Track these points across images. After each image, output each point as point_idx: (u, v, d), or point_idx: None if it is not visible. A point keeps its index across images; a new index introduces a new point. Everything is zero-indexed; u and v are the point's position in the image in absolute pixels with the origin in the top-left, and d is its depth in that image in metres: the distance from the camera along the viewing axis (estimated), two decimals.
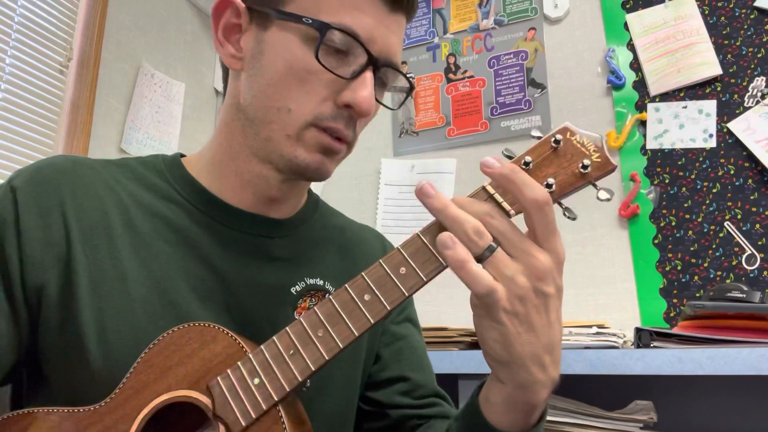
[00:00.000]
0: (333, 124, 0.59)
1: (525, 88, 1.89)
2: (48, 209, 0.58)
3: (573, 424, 1.25)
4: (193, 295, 0.60)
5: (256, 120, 0.61)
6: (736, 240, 1.54)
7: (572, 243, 1.73)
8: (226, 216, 0.64)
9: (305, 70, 0.57)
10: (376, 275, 0.50)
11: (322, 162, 0.61)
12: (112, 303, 0.57)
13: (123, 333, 0.56)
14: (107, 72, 1.81)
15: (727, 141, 1.60)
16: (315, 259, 0.70)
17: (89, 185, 0.61)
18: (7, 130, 1.55)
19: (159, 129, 1.98)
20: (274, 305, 0.63)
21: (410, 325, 0.78)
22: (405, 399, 0.71)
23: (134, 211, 0.62)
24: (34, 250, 0.57)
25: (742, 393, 1.40)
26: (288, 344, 0.50)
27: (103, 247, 0.59)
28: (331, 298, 0.50)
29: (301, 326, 0.50)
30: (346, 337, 0.49)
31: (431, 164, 1.98)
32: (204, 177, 0.66)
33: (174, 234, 0.62)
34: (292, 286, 0.66)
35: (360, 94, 0.57)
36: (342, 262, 0.72)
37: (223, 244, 0.63)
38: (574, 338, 1.29)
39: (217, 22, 0.63)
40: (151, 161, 0.68)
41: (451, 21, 2.07)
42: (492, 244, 0.46)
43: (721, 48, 1.65)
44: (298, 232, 0.70)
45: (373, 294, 0.49)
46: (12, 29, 1.58)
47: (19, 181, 0.60)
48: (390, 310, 0.49)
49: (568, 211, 0.51)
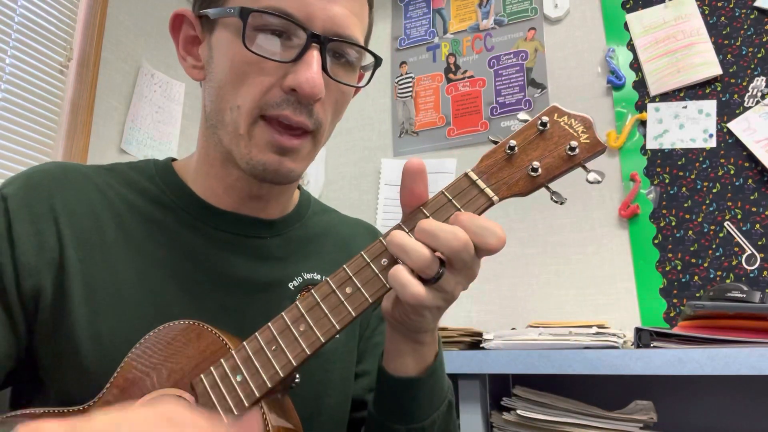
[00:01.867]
0: (279, 111, 0.56)
1: (525, 88, 1.89)
2: (39, 215, 0.58)
3: (573, 424, 1.25)
4: (186, 297, 0.60)
5: (216, 125, 0.60)
6: (736, 240, 1.54)
7: (572, 243, 1.73)
8: (217, 219, 0.65)
9: (244, 63, 0.56)
10: (357, 267, 0.50)
11: (280, 162, 0.58)
12: (105, 306, 0.57)
13: (117, 336, 0.56)
14: (107, 72, 1.81)
15: (727, 141, 1.60)
16: (311, 255, 0.69)
17: (80, 190, 0.61)
18: (7, 130, 1.55)
19: (159, 129, 1.98)
20: (272, 301, 0.63)
21: None
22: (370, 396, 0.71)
23: (126, 215, 0.62)
24: (28, 258, 0.56)
25: (742, 393, 1.40)
26: (270, 339, 0.49)
27: (96, 252, 0.59)
28: (313, 292, 0.50)
29: (283, 321, 0.50)
30: (327, 331, 0.49)
31: (431, 164, 1.98)
32: (193, 182, 0.66)
33: (166, 237, 0.62)
34: (290, 281, 0.66)
35: (302, 76, 0.54)
36: (338, 256, 0.71)
37: (216, 246, 0.63)
38: (574, 338, 1.28)
39: (176, 38, 0.64)
40: (142, 166, 0.68)
41: (451, 21, 2.07)
42: (439, 271, 0.48)
43: (721, 48, 1.65)
44: (291, 231, 0.70)
45: (354, 286, 0.49)
46: (12, 29, 1.58)
47: (9, 189, 0.59)
48: (371, 303, 0.49)
49: (556, 195, 0.50)
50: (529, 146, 0.51)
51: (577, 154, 0.50)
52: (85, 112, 1.72)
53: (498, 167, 0.52)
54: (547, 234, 1.77)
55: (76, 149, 1.69)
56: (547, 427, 1.27)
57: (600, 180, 0.50)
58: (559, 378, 1.29)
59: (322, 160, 2.15)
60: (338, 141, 2.14)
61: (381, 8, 2.19)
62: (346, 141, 2.14)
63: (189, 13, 0.62)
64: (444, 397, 0.61)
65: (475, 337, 1.42)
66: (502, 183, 0.51)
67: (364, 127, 2.13)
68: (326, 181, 2.14)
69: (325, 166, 2.15)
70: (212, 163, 0.64)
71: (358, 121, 2.14)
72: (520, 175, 0.51)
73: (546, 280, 1.74)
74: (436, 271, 0.47)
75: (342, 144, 2.14)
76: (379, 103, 2.12)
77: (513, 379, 1.43)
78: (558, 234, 1.75)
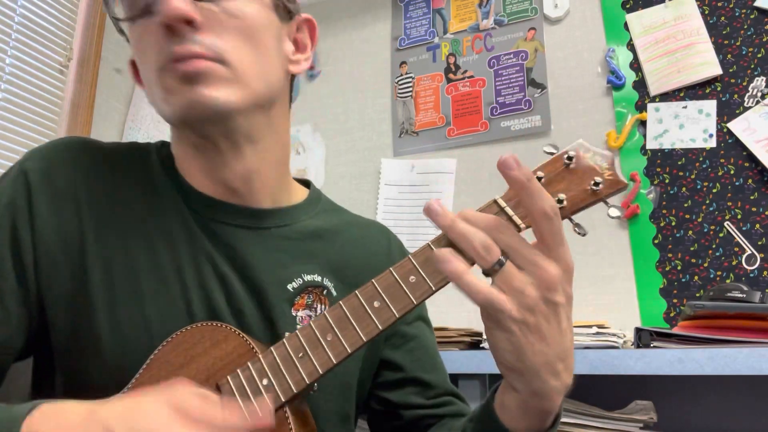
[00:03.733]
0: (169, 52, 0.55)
1: (525, 88, 1.89)
2: (60, 193, 0.58)
3: (573, 424, 1.25)
4: (196, 290, 0.60)
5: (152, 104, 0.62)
6: (736, 240, 1.54)
7: (572, 243, 1.70)
8: (210, 208, 0.64)
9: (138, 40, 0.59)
10: (386, 283, 0.51)
11: (193, 91, 0.55)
12: (124, 294, 0.58)
13: (135, 324, 0.57)
14: (107, 72, 1.81)
15: (727, 141, 1.60)
16: (317, 253, 0.68)
17: (100, 169, 0.62)
18: (7, 130, 1.55)
19: (159, 129, 1.99)
20: (271, 299, 0.63)
21: (422, 324, 0.77)
22: (418, 399, 0.71)
23: (133, 199, 0.62)
24: (48, 236, 0.57)
25: (742, 393, 1.40)
26: (297, 347, 0.52)
27: (114, 239, 0.59)
28: (342, 304, 0.52)
29: (311, 330, 0.52)
30: (354, 343, 0.51)
31: (431, 164, 1.98)
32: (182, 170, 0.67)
33: (175, 225, 0.62)
34: (289, 282, 0.65)
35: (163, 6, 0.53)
36: (344, 257, 0.70)
37: (218, 237, 0.63)
38: (574, 338, 1.28)
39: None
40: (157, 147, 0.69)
41: (451, 21, 2.07)
42: (501, 258, 0.47)
43: (721, 48, 1.65)
44: (297, 224, 0.69)
45: (382, 301, 0.51)
46: (12, 29, 1.58)
47: (30, 163, 0.59)
48: (398, 318, 0.50)
49: (578, 227, 0.54)
50: (555, 178, 0.54)
51: (601, 190, 0.53)
52: (85, 112, 1.72)
53: None
54: None
55: None
56: None
57: (620, 215, 0.52)
58: None
59: (322, 160, 2.16)
60: (338, 141, 2.14)
61: (381, 8, 2.19)
62: (346, 141, 2.14)
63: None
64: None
65: (475, 337, 1.42)
66: None
67: (364, 127, 2.13)
68: (326, 181, 2.14)
69: (325, 166, 2.15)
70: (176, 143, 0.66)
71: (358, 121, 2.14)
72: None
73: None
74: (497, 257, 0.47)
75: (342, 144, 2.14)
76: (379, 103, 2.12)
77: None
78: None
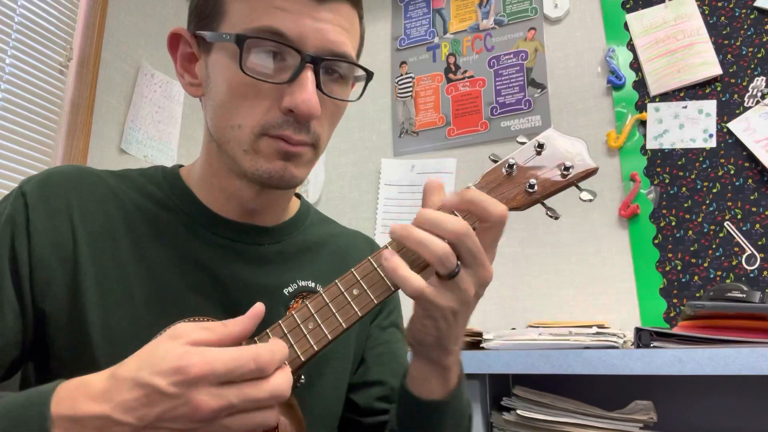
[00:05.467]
0: (281, 132, 0.59)
1: (525, 88, 1.89)
2: (56, 211, 0.62)
3: (573, 424, 1.25)
4: (190, 295, 0.63)
5: (219, 141, 0.63)
6: (736, 240, 1.54)
7: (572, 243, 1.73)
8: (218, 226, 0.67)
9: (243, 85, 0.58)
10: (365, 271, 0.54)
11: (285, 168, 0.60)
12: (116, 303, 0.60)
13: (127, 331, 0.60)
14: (107, 72, 1.81)
15: (727, 141, 1.60)
16: (307, 263, 0.72)
17: (95, 192, 0.65)
18: (7, 130, 1.55)
19: (159, 129, 1.98)
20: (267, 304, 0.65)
21: (395, 331, 0.80)
22: (381, 404, 0.73)
23: (135, 217, 0.65)
24: (43, 250, 0.60)
25: (742, 393, 1.40)
26: (281, 336, 0.53)
27: (108, 251, 0.62)
28: (322, 293, 0.54)
29: (293, 319, 0.53)
30: (334, 329, 0.53)
31: (431, 164, 1.98)
32: (197, 188, 0.69)
33: (171, 240, 0.65)
34: (285, 287, 0.68)
35: (298, 98, 0.57)
36: (333, 266, 0.74)
37: (218, 251, 0.66)
38: (574, 338, 1.28)
39: (174, 55, 0.66)
40: (151, 173, 0.71)
41: (451, 21, 2.07)
42: (456, 266, 0.51)
43: (721, 48, 1.65)
44: (289, 239, 0.72)
45: (361, 288, 0.53)
46: (12, 29, 1.58)
47: (29, 186, 0.64)
48: (377, 304, 0.53)
49: (551, 211, 0.57)
50: (527, 165, 0.57)
51: (571, 175, 0.56)
52: (85, 112, 1.72)
53: (497, 183, 0.57)
54: (547, 234, 1.77)
55: (76, 149, 1.70)
56: (547, 427, 1.27)
57: (592, 198, 0.56)
58: (559, 378, 1.29)
59: (322, 160, 2.15)
60: (338, 141, 2.14)
61: (381, 8, 2.19)
62: (346, 141, 2.14)
63: (185, 32, 0.65)
64: (465, 414, 0.66)
65: (475, 337, 1.42)
66: (501, 197, 0.56)
67: (364, 127, 2.13)
68: (326, 181, 2.14)
69: (325, 166, 2.15)
70: (215, 173, 0.67)
71: (358, 121, 2.14)
72: (518, 190, 0.57)
73: (546, 280, 1.74)
74: (455, 264, 0.50)
75: (342, 144, 2.14)
76: (379, 103, 2.12)
77: (513, 379, 1.44)
78: (558, 234, 1.75)
